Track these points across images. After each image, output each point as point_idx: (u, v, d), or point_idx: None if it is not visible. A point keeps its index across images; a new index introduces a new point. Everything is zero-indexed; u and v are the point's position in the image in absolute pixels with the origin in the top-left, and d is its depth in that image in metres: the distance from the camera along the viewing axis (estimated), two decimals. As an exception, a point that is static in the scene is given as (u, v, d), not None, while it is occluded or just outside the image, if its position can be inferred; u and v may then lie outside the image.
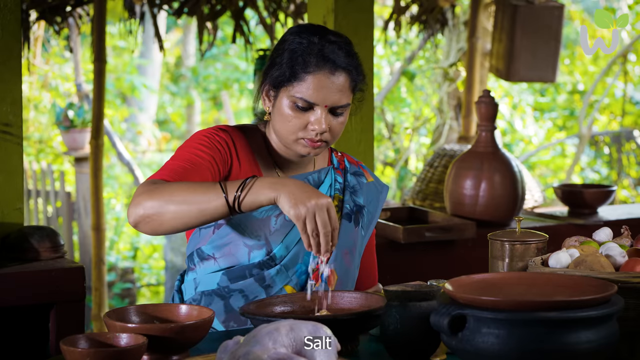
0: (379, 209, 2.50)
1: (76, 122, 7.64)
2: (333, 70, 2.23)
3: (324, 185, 2.39)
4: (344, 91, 2.25)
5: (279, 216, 2.31)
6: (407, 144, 9.88)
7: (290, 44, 2.25)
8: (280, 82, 2.25)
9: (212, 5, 5.75)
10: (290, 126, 2.25)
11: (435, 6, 6.18)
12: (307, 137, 2.25)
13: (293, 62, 2.23)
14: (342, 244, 2.37)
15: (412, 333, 1.87)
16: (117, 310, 2.02)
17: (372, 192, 2.49)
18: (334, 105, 2.24)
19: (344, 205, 2.40)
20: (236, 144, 2.31)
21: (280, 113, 2.26)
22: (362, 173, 2.49)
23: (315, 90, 2.22)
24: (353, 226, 2.40)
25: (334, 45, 2.24)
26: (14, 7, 3.13)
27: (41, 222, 8.11)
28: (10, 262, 3.07)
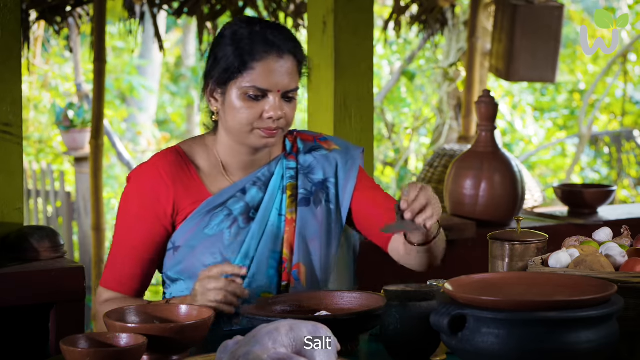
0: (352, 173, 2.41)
1: (76, 122, 7.64)
2: (280, 54, 2.21)
3: (274, 178, 2.35)
4: (293, 74, 2.24)
5: (232, 227, 2.29)
6: (407, 144, 9.88)
7: (233, 36, 2.23)
8: (229, 76, 2.22)
9: (212, 5, 5.75)
10: (244, 118, 2.22)
11: (435, 6, 6.18)
12: (263, 126, 2.22)
13: (240, 51, 2.21)
14: (304, 232, 2.33)
15: (412, 333, 1.87)
16: (117, 310, 2.02)
17: (336, 159, 2.41)
18: (285, 90, 2.22)
19: (298, 192, 2.35)
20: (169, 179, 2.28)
21: (232, 107, 2.23)
22: (319, 146, 2.43)
23: (267, 77, 2.20)
24: (313, 208, 2.35)
25: (275, 31, 2.23)
26: (14, 7, 3.13)
27: (41, 222, 8.11)
28: (10, 262, 3.06)
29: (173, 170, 2.30)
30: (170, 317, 2.03)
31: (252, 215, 2.31)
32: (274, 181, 2.35)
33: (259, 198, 2.32)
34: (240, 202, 2.30)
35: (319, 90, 3.72)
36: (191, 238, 2.28)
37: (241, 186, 2.32)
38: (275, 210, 2.33)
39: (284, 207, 2.34)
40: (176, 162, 2.31)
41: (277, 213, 2.33)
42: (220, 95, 2.25)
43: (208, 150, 2.35)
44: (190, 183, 2.30)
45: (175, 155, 2.33)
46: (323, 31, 3.66)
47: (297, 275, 2.33)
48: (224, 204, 2.30)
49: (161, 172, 2.29)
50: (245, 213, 2.30)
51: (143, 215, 2.29)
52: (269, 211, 2.32)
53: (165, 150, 2.35)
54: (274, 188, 2.34)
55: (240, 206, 2.30)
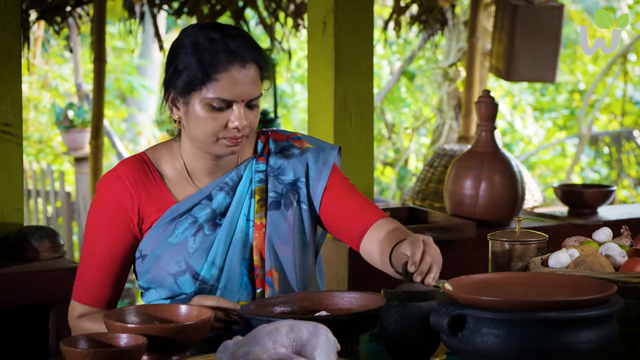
0: (324, 172, 2.36)
1: (76, 122, 7.65)
2: (243, 63, 2.17)
3: (242, 182, 2.29)
4: (256, 82, 2.20)
5: (196, 234, 2.24)
6: (407, 144, 9.88)
7: (193, 46, 2.18)
8: (192, 88, 2.17)
9: (212, 5, 5.75)
10: (209, 128, 2.18)
11: (435, 6, 6.18)
12: (228, 135, 2.18)
13: (202, 62, 2.16)
14: (273, 237, 2.28)
15: (412, 333, 1.87)
16: (116, 310, 2.02)
17: (308, 158, 2.36)
18: (249, 98, 2.18)
19: (267, 196, 2.30)
20: (133, 187, 2.24)
21: (195, 118, 2.18)
22: (291, 145, 2.38)
23: (231, 88, 2.16)
24: (284, 211, 2.29)
25: (237, 40, 2.19)
26: (14, 7, 3.13)
27: (41, 222, 8.11)
28: (10, 262, 3.07)
29: (137, 177, 2.26)
30: (170, 317, 2.03)
31: (218, 222, 2.26)
32: (242, 185, 2.30)
33: (225, 203, 2.27)
34: (205, 209, 2.26)
35: (319, 90, 3.72)
36: (156, 247, 2.24)
37: (207, 192, 2.27)
38: (243, 215, 2.28)
39: (252, 212, 2.28)
40: (140, 169, 2.27)
41: (244, 218, 2.28)
42: (183, 104, 2.21)
43: (173, 156, 2.30)
44: (154, 190, 2.26)
45: (139, 163, 2.28)
46: (323, 31, 3.66)
47: (271, 282, 2.27)
48: (189, 211, 2.25)
49: (124, 180, 2.25)
50: (211, 220, 2.26)
51: (108, 224, 2.25)
52: (237, 217, 2.27)
53: (129, 158, 2.31)
54: (242, 193, 2.29)
55: (205, 213, 2.25)
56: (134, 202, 2.25)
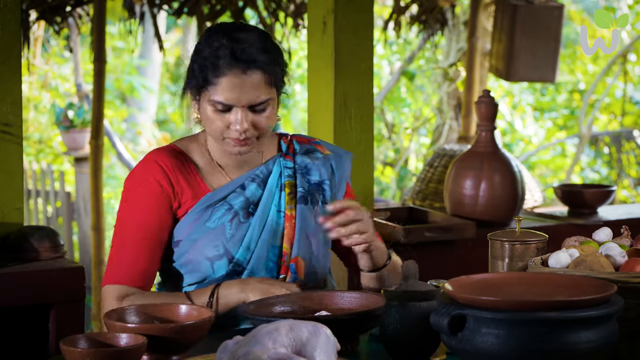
0: (344, 177, 2.49)
1: (76, 122, 7.65)
2: (245, 69, 2.23)
3: (272, 175, 2.39)
4: (260, 88, 2.25)
5: (232, 220, 2.32)
6: (407, 144, 9.88)
7: (202, 51, 2.27)
8: (199, 90, 2.27)
9: (212, 5, 5.75)
10: (214, 128, 2.27)
11: (435, 6, 6.18)
12: (232, 136, 2.27)
13: (204, 68, 2.24)
14: (303, 228, 2.37)
15: (412, 333, 1.87)
16: (117, 310, 2.02)
17: (332, 164, 2.48)
18: (251, 104, 2.25)
19: (297, 190, 2.40)
20: (170, 172, 2.32)
21: (205, 117, 2.28)
22: (314, 149, 2.49)
23: (229, 92, 2.23)
24: (311, 207, 2.40)
25: (243, 44, 2.24)
26: (14, 7, 3.13)
27: (41, 222, 8.11)
28: (10, 262, 3.06)
29: (174, 164, 2.34)
30: (170, 317, 2.03)
31: (251, 211, 2.35)
32: (272, 179, 2.39)
33: (258, 194, 2.37)
34: (240, 197, 2.34)
35: (319, 90, 3.72)
36: (192, 231, 2.31)
37: (240, 182, 2.36)
38: (274, 207, 2.37)
39: (282, 204, 2.38)
40: (175, 157, 2.36)
41: (276, 210, 2.37)
42: (197, 103, 2.31)
43: (201, 149, 2.40)
44: (190, 178, 2.34)
45: (173, 152, 2.37)
46: (323, 31, 3.66)
47: (295, 269, 2.37)
48: (224, 199, 2.34)
49: (162, 165, 2.33)
50: (245, 208, 2.34)
51: (149, 205, 2.30)
52: (268, 207, 2.37)
53: (161, 148, 2.39)
54: (272, 185, 2.38)
55: (240, 201, 2.34)
56: (173, 187, 2.32)
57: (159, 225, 2.30)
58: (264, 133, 2.31)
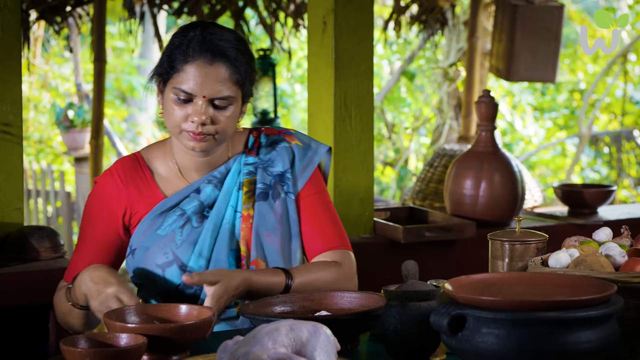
0: (309, 168, 2.41)
1: (76, 122, 7.65)
2: (211, 59, 2.20)
3: (230, 174, 2.35)
4: (225, 82, 2.21)
5: (184, 226, 2.30)
6: (407, 144, 9.89)
7: (174, 39, 2.25)
8: (163, 77, 2.24)
9: (212, 5, 5.76)
10: (172, 119, 2.23)
11: (435, 6, 6.18)
12: (189, 129, 2.22)
13: (172, 54, 2.22)
14: (261, 228, 2.32)
15: (412, 333, 1.87)
16: (117, 310, 2.02)
17: (296, 153, 2.40)
18: (213, 97, 2.21)
19: (256, 187, 2.35)
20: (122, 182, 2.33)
21: (165, 107, 2.25)
22: (282, 139, 2.42)
23: (193, 80, 2.19)
24: (272, 202, 2.34)
25: (214, 36, 2.22)
26: (14, 7, 3.13)
27: (41, 222, 8.12)
28: (10, 262, 3.07)
29: (128, 174, 2.34)
30: (170, 317, 2.03)
31: (206, 214, 2.32)
32: (230, 178, 2.35)
33: (214, 196, 2.33)
34: (193, 202, 2.32)
35: (319, 90, 3.72)
36: (145, 240, 2.31)
37: (196, 186, 2.33)
38: (230, 207, 2.33)
39: (239, 203, 2.33)
40: (132, 167, 2.36)
41: (232, 210, 2.33)
42: (161, 92, 2.28)
43: (167, 153, 2.37)
44: (144, 187, 2.34)
45: (132, 161, 2.37)
46: (323, 31, 3.66)
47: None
48: (177, 205, 2.32)
49: (115, 177, 2.34)
50: (199, 212, 2.31)
51: (95, 219, 2.35)
52: (224, 208, 2.32)
53: (124, 157, 2.40)
54: (230, 185, 2.34)
55: (193, 205, 2.31)
56: (122, 197, 2.33)
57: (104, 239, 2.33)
58: (223, 134, 2.25)
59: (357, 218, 3.69)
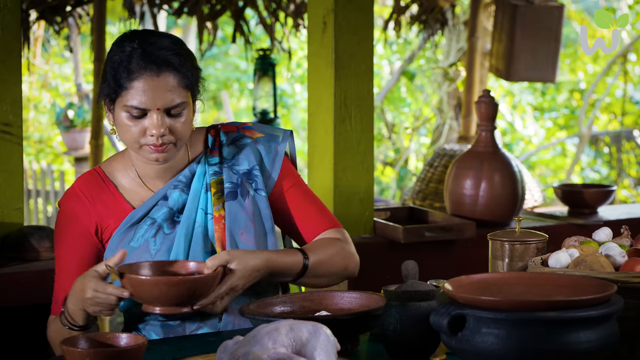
0: (277, 160, 2.39)
1: (76, 122, 7.65)
2: (157, 71, 2.17)
3: (196, 177, 2.32)
4: (175, 90, 2.19)
5: (157, 235, 2.28)
6: (407, 144, 9.89)
7: (114, 56, 2.21)
8: (112, 97, 2.20)
9: (212, 5, 5.75)
10: (130, 135, 2.21)
11: (435, 6, 6.18)
12: (149, 142, 2.20)
13: (116, 73, 2.18)
14: (234, 227, 2.30)
15: (412, 333, 1.87)
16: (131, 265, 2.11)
17: (261, 148, 2.39)
18: (167, 106, 2.18)
19: (224, 187, 2.33)
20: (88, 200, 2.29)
21: (119, 125, 2.22)
22: (242, 135, 2.40)
23: (143, 95, 2.16)
24: (241, 201, 2.32)
25: (153, 47, 2.19)
26: (14, 7, 3.13)
27: (41, 222, 8.12)
28: (10, 262, 3.07)
29: (92, 190, 2.30)
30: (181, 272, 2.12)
31: (176, 219, 2.29)
32: (196, 181, 2.32)
33: (182, 200, 2.30)
34: (162, 209, 2.29)
35: (319, 90, 3.72)
36: (116, 252, 2.25)
37: (162, 193, 2.30)
38: (200, 210, 2.30)
39: (209, 205, 2.31)
40: (94, 182, 2.32)
41: (202, 212, 2.30)
42: (111, 113, 2.24)
43: (126, 165, 2.34)
44: (110, 201, 2.30)
45: (93, 176, 2.33)
46: (323, 31, 3.66)
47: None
48: (147, 214, 2.29)
49: (79, 194, 2.30)
50: (170, 218, 2.29)
51: (68, 240, 2.31)
52: (194, 212, 2.30)
53: (84, 173, 2.35)
54: (197, 188, 2.31)
55: (163, 212, 2.29)
56: (90, 214, 2.30)
57: (82, 258, 2.29)
58: (182, 140, 2.23)
59: (357, 218, 3.69)
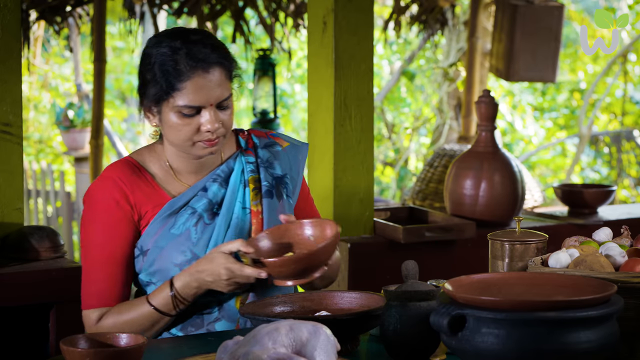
0: (301, 169, 2.49)
1: (76, 122, 7.65)
2: (206, 68, 2.23)
3: (234, 173, 2.38)
4: (223, 84, 2.25)
5: (197, 224, 2.31)
6: (407, 144, 9.88)
7: (156, 57, 2.25)
8: (160, 98, 2.25)
9: (212, 5, 5.75)
10: (183, 134, 2.26)
11: (435, 6, 6.18)
12: (203, 139, 2.26)
13: (165, 74, 2.23)
14: (271, 222, 2.36)
15: (412, 333, 1.87)
16: (251, 240, 2.27)
17: (290, 156, 2.47)
18: (218, 101, 2.25)
19: (261, 184, 2.39)
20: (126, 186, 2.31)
21: (170, 125, 2.26)
22: (274, 142, 2.47)
23: (197, 94, 2.22)
24: (277, 201, 2.39)
25: (198, 45, 2.24)
26: (14, 7, 3.13)
27: (41, 222, 8.11)
28: (10, 262, 3.06)
29: (129, 178, 2.32)
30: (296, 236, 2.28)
31: (215, 211, 2.34)
32: (234, 176, 2.38)
33: (221, 194, 2.35)
34: (202, 199, 2.33)
35: (319, 90, 3.72)
36: (159, 239, 2.30)
37: (201, 185, 2.35)
38: (238, 204, 2.36)
39: (247, 200, 2.37)
40: (130, 170, 2.34)
41: (240, 206, 2.36)
42: (156, 113, 2.28)
43: (158, 157, 2.38)
44: (147, 189, 2.33)
45: (128, 165, 2.35)
46: (323, 31, 3.66)
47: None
48: (187, 204, 2.33)
49: (117, 181, 2.31)
50: (209, 209, 2.33)
51: (109, 225, 2.30)
52: (233, 205, 2.35)
53: (115, 162, 2.37)
54: (235, 183, 2.37)
55: (203, 203, 2.33)
56: (130, 200, 2.31)
57: (122, 243, 2.30)
58: (229, 130, 2.30)
59: (357, 218, 3.69)
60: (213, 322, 2.30)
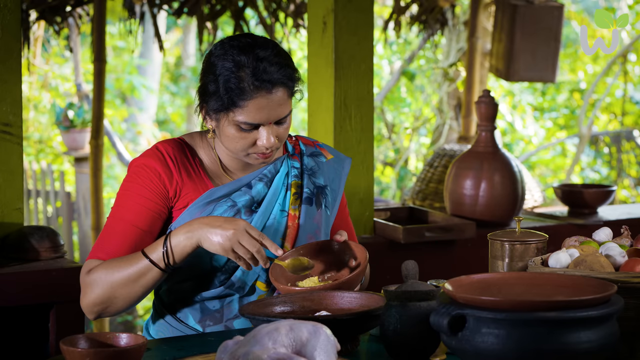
0: (342, 184, 2.51)
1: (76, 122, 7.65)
2: (270, 89, 2.23)
3: (279, 174, 2.40)
4: (284, 103, 2.26)
5: (235, 217, 2.32)
6: (407, 144, 9.88)
7: (220, 70, 2.23)
8: (220, 110, 2.25)
9: (212, 5, 5.75)
10: (239, 146, 2.28)
11: (435, 6, 6.18)
12: (258, 152, 2.29)
13: (228, 91, 2.22)
14: (306, 228, 2.39)
15: (412, 333, 1.87)
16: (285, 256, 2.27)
17: (333, 169, 2.50)
18: (278, 119, 2.27)
19: (303, 190, 2.41)
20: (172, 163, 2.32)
21: (226, 135, 2.28)
22: (319, 152, 2.50)
23: (258, 113, 2.23)
24: (315, 209, 2.42)
25: (265, 63, 2.23)
26: (14, 7, 3.13)
27: (41, 222, 8.11)
28: (10, 262, 3.07)
29: (178, 157, 2.34)
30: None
31: (254, 209, 2.35)
32: (279, 178, 2.40)
33: (263, 193, 2.37)
34: (245, 196, 2.35)
35: (319, 90, 3.72)
36: None
37: (247, 181, 2.37)
38: (278, 205, 2.38)
39: (287, 203, 2.39)
40: (181, 150, 2.36)
41: (279, 209, 2.38)
42: (215, 120, 2.29)
43: (208, 148, 2.40)
44: (193, 173, 2.35)
45: (179, 145, 2.37)
46: (323, 31, 3.66)
47: None
48: (228, 196, 2.34)
49: (165, 156, 2.33)
50: (249, 206, 2.35)
51: (144, 193, 2.31)
52: (272, 206, 2.37)
53: (168, 139, 2.39)
54: (278, 184, 2.39)
55: (245, 199, 2.35)
56: (173, 177, 2.32)
57: (151, 214, 2.30)
58: (282, 142, 2.33)
59: (357, 218, 3.69)
60: (232, 319, 2.32)
